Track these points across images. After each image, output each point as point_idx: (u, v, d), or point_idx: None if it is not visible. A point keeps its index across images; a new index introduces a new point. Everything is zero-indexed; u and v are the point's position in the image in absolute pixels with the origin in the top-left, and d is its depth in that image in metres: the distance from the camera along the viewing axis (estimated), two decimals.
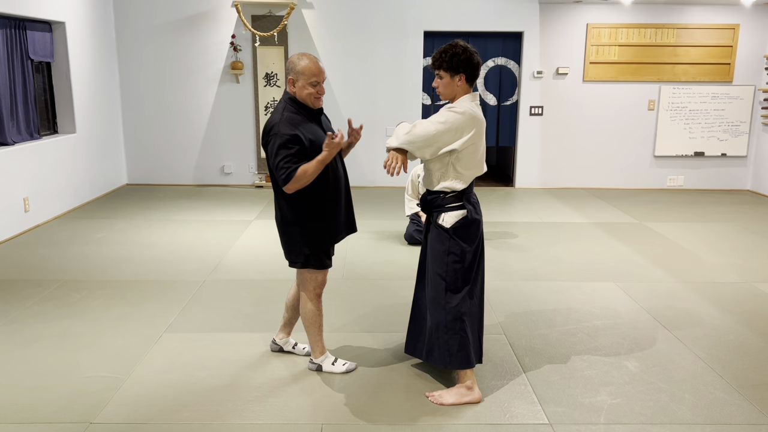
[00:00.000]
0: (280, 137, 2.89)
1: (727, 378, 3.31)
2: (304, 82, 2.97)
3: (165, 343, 3.63)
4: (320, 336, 3.30)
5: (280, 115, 2.96)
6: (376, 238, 5.91)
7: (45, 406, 2.96)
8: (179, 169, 8.32)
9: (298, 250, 3.09)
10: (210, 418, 2.88)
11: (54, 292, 4.43)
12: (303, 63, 2.97)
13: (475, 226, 3.07)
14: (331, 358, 3.34)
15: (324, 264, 3.15)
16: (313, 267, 3.13)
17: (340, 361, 3.35)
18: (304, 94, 2.99)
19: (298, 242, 3.08)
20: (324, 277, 3.21)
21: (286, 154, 2.89)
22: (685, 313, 4.20)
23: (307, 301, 3.22)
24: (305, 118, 3.01)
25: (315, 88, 2.99)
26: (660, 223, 6.59)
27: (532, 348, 3.64)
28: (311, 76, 2.96)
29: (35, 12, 6.11)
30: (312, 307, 3.22)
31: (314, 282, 3.18)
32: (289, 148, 2.89)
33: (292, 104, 3.02)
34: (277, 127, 2.92)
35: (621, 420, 2.90)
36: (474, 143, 2.98)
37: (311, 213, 3.03)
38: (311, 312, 3.23)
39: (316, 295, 3.22)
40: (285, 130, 2.90)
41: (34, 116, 6.36)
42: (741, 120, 8.33)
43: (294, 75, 2.98)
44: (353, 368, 3.34)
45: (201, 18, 7.93)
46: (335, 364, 3.32)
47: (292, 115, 2.97)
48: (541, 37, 8.10)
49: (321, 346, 3.32)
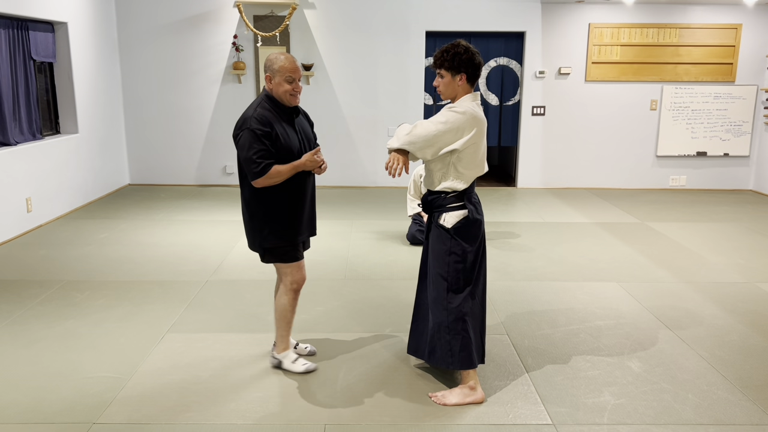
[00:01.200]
0: (252, 132, 2.94)
1: (730, 378, 3.30)
2: (280, 78, 3.02)
3: (167, 344, 3.63)
4: (288, 332, 3.30)
5: (253, 110, 3.01)
6: (378, 238, 5.91)
7: (48, 406, 2.96)
8: (181, 169, 8.32)
9: (257, 243, 3.13)
10: (213, 418, 2.88)
11: (56, 292, 4.43)
12: (279, 60, 3.02)
13: (477, 226, 3.06)
14: (292, 356, 3.32)
15: (288, 257, 3.15)
16: (278, 260, 3.15)
17: (301, 360, 3.32)
18: (280, 91, 3.04)
19: (258, 235, 3.12)
20: (300, 273, 3.22)
21: (259, 149, 2.94)
22: (688, 313, 4.19)
23: (283, 294, 3.24)
24: (279, 117, 3.06)
25: (291, 84, 3.03)
26: (662, 223, 6.58)
27: (534, 348, 3.64)
28: (287, 73, 3.01)
29: (38, 12, 6.11)
30: (286, 301, 3.24)
31: (290, 276, 3.19)
32: (262, 143, 2.95)
33: (268, 101, 3.07)
34: (250, 122, 2.96)
35: (624, 420, 2.89)
36: (475, 143, 2.98)
37: (274, 208, 3.06)
38: (283, 306, 3.24)
39: (293, 290, 3.23)
40: (258, 125, 2.95)
41: (37, 117, 6.37)
42: (743, 120, 8.32)
43: (271, 72, 3.03)
44: (313, 369, 3.31)
45: (203, 18, 7.93)
46: (295, 363, 3.30)
47: (266, 111, 3.02)
48: (543, 36, 8.09)
49: (286, 342, 3.31)
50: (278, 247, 3.13)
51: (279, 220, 3.09)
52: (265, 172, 2.94)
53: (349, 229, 6.21)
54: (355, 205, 7.33)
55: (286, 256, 3.16)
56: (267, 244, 3.11)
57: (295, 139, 3.10)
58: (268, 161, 2.95)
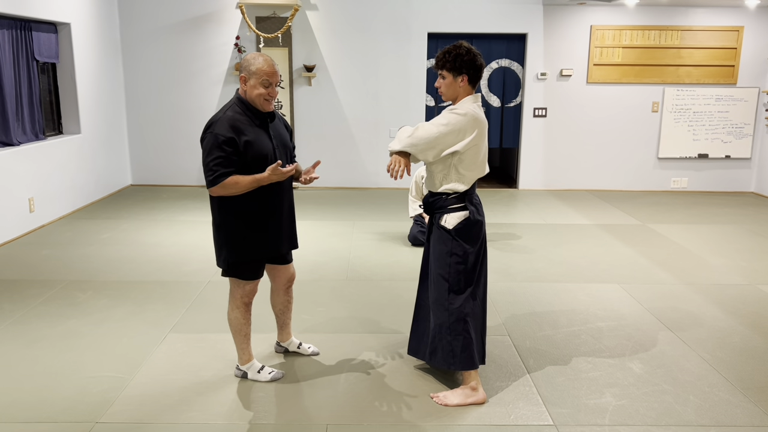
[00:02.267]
0: (215, 137, 2.78)
1: (731, 380, 3.30)
2: (255, 81, 2.85)
3: (170, 344, 3.64)
4: (247, 344, 3.18)
5: (222, 114, 2.85)
6: (379, 239, 5.91)
7: (51, 406, 2.97)
8: (183, 169, 8.33)
9: (223, 256, 2.97)
10: (215, 418, 2.89)
11: (59, 292, 4.44)
12: (257, 62, 2.85)
13: (478, 227, 3.07)
14: (257, 366, 3.23)
15: (249, 275, 3.02)
16: (237, 276, 3.01)
17: (267, 369, 3.24)
18: (254, 94, 2.87)
19: (223, 248, 2.96)
20: (253, 287, 3.08)
21: (218, 156, 2.77)
22: (690, 314, 4.19)
23: (233, 308, 3.09)
24: (251, 121, 2.89)
25: (267, 89, 2.87)
26: (664, 225, 6.58)
27: (536, 349, 3.64)
28: (263, 76, 2.85)
29: (41, 13, 6.13)
30: (238, 315, 3.10)
31: (241, 291, 3.05)
32: (222, 150, 2.77)
33: (240, 105, 2.90)
34: (215, 126, 2.80)
35: (626, 421, 2.90)
36: (476, 144, 2.99)
37: (241, 221, 2.91)
38: (237, 320, 3.11)
39: (244, 304, 3.08)
40: (222, 131, 2.79)
41: (40, 117, 6.38)
42: (745, 122, 8.32)
43: (246, 73, 2.86)
44: (279, 377, 3.23)
45: (205, 19, 7.95)
46: (261, 372, 3.21)
47: (237, 115, 2.86)
48: (545, 38, 8.10)
49: (248, 354, 3.20)
50: (243, 262, 2.98)
51: (244, 235, 2.93)
52: (219, 181, 2.76)
53: (350, 230, 6.22)
54: (357, 206, 7.33)
55: (247, 273, 3.01)
56: (232, 258, 2.94)
57: (268, 145, 2.92)
58: (224, 170, 2.77)
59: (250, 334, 3.20)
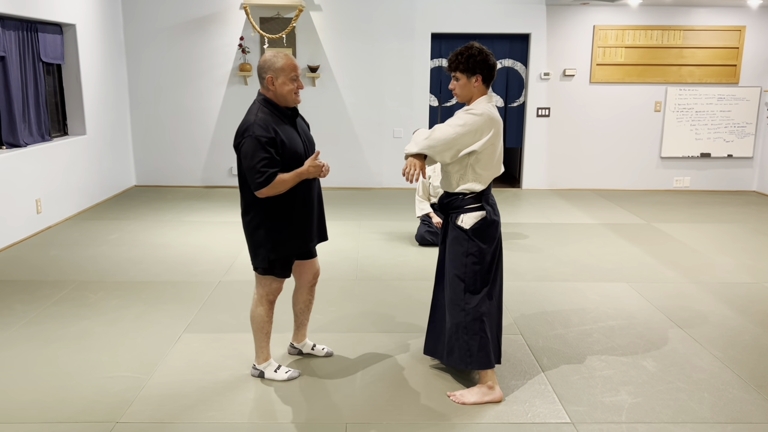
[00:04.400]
0: (256, 140, 2.82)
1: (744, 377, 3.33)
2: (284, 78, 2.92)
3: (185, 343, 3.65)
4: (266, 342, 3.21)
5: (254, 116, 2.89)
6: (386, 239, 5.93)
7: (70, 406, 2.98)
8: (187, 170, 8.34)
9: (262, 255, 3.01)
10: (234, 416, 2.90)
11: (70, 293, 4.45)
12: (280, 60, 2.93)
13: (494, 227, 3.09)
14: (274, 365, 3.24)
15: (284, 272, 3.08)
16: (273, 274, 3.06)
17: (283, 369, 3.26)
18: (285, 90, 2.94)
19: (262, 247, 3.00)
20: (280, 285, 3.13)
21: (263, 157, 2.82)
22: (699, 313, 4.22)
23: (258, 305, 3.14)
24: (280, 120, 2.96)
25: (295, 83, 2.95)
26: (668, 224, 6.62)
27: (549, 348, 3.67)
28: (290, 72, 2.93)
29: (46, 14, 6.13)
30: (262, 312, 3.15)
31: (268, 288, 3.11)
32: (266, 151, 2.83)
33: (267, 105, 2.95)
34: (252, 128, 2.84)
35: (642, 419, 2.92)
36: (493, 144, 3.01)
37: (279, 219, 2.97)
38: (260, 317, 3.15)
39: (269, 301, 3.14)
40: (261, 133, 2.84)
41: (46, 118, 6.38)
42: (747, 121, 8.36)
43: (273, 73, 2.92)
44: (296, 376, 3.24)
45: (209, 20, 7.95)
46: (278, 372, 3.23)
47: (267, 117, 2.91)
48: (548, 38, 8.13)
49: (266, 353, 3.23)
50: (281, 259, 3.03)
51: (286, 232, 2.99)
52: (270, 181, 2.82)
53: (357, 230, 6.24)
54: (362, 206, 7.35)
55: (283, 271, 3.07)
56: (272, 256, 3.00)
57: (299, 142, 3.01)
58: (272, 170, 2.83)
59: (270, 333, 3.23)
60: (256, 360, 3.26)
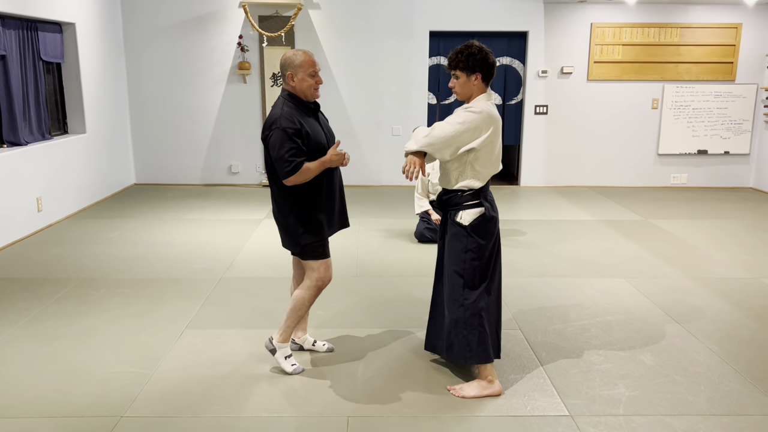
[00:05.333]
0: (283, 131, 3.00)
1: (741, 371, 3.37)
2: (303, 74, 3.09)
3: (187, 339, 3.69)
4: (296, 325, 3.30)
5: (280, 110, 3.07)
6: (386, 236, 5.97)
7: (75, 401, 3.02)
8: (187, 168, 8.37)
9: (296, 240, 3.18)
10: (238, 411, 2.94)
11: (73, 290, 4.48)
12: (299, 56, 3.10)
13: (493, 223, 3.13)
14: (287, 352, 3.31)
15: (323, 253, 3.22)
16: (314, 256, 3.20)
17: (292, 360, 3.33)
18: (304, 86, 3.10)
19: (295, 232, 3.16)
20: (329, 272, 3.26)
21: (291, 147, 3.00)
22: (696, 308, 4.27)
23: (306, 289, 3.25)
24: (304, 113, 3.13)
25: (314, 78, 3.11)
26: (665, 221, 6.66)
27: (548, 343, 3.71)
28: (309, 68, 3.09)
29: (46, 13, 6.15)
30: (306, 297, 3.25)
31: (318, 273, 3.23)
32: (293, 141, 3.00)
33: (291, 100, 3.12)
34: (279, 121, 3.02)
35: (640, 411, 2.96)
36: (491, 141, 3.05)
37: (308, 205, 3.13)
38: (302, 300, 3.25)
39: (317, 287, 3.25)
40: (288, 124, 3.01)
41: (46, 117, 6.41)
42: (744, 118, 8.41)
43: (292, 70, 3.10)
44: (300, 371, 3.30)
45: (208, 18, 7.98)
46: (287, 359, 3.31)
47: (292, 110, 3.08)
48: (546, 36, 8.17)
49: (288, 335, 3.31)
50: (313, 243, 3.18)
51: (315, 217, 3.15)
52: (297, 170, 2.99)
53: (356, 227, 6.27)
54: (361, 203, 7.39)
55: (317, 253, 3.21)
56: (304, 240, 3.16)
57: (321, 134, 3.17)
58: (299, 159, 3.00)
59: (301, 318, 3.32)
60: (277, 337, 3.31)
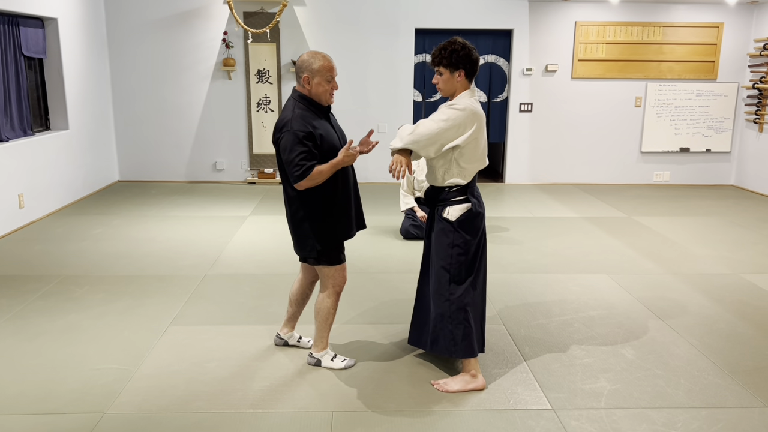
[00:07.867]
0: (294, 134, 2.93)
1: (719, 364, 3.43)
2: (320, 78, 3.02)
3: (171, 336, 3.68)
4: (327, 332, 3.32)
5: (291, 113, 3.00)
6: (371, 233, 5.98)
7: (57, 398, 3.00)
8: (171, 165, 8.32)
9: (310, 246, 3.12)
10: (222, 406, 2.94)
11: (55, 287, 4.45)
12: (318, 61, 3.02)
13: (479, 218, 3.15)
14: (330, 354, 3.35)
15: (338, 259, 3.19)
16: (326, 263, 3.17)
17: (340, 357, 3.36)
18: (320, 90, 3.04)
19: (309, 238, 3.10)
20: (344, 275, 3.24)
21: (301, 151, 2.93)
22: (677, 303, 4.32)
23: (326, 297, 3.24)
24: (316, 115, 3.06)
25: (330, 84, 3.05)
26: (648, 217, 6.73)
27: (531, 338, 3.74)
28: (327, 72, 3.03)
29: (28, 8, 6.09)
30: (329, 305, 3.25)
31: (334, 279, 3.21)
32: (304, 145, 2.93)
33: (302, 101, 3.06)
34: (291, 124, 2.95)
35: (621, 405, 3.00)
36: (476, 138, 3.07)
37: (322, 209, 3.07)
38: (327, 309, 3.25)
39: (336, 293, 3.24)
40: (299, 127, 2.95)
41: (27, 113, 6.34)
42: (725, 116, 8.51)
43: (309, 73, 3.02)
44: (352, 365, 3.35)
45: (192, 15, 7.93)
46: (334, 360, 3.33)
47: (304, 111, 3.02)
48: (531, 34, 8.21)
49: (325, 342, 3.33)
50: (329, 248, 3.13)
51: (331, 220, 3.09)
52: (307, 174, 2.93)
53: None
54: None
55: (333, 258, 3.17)
56: (320, 246, 3.10)
57: (334, 136, 3.11)
58: (310, 163, 2.93)
59: (332, 324, 3.32)
60: (314, 349, 3.34)
